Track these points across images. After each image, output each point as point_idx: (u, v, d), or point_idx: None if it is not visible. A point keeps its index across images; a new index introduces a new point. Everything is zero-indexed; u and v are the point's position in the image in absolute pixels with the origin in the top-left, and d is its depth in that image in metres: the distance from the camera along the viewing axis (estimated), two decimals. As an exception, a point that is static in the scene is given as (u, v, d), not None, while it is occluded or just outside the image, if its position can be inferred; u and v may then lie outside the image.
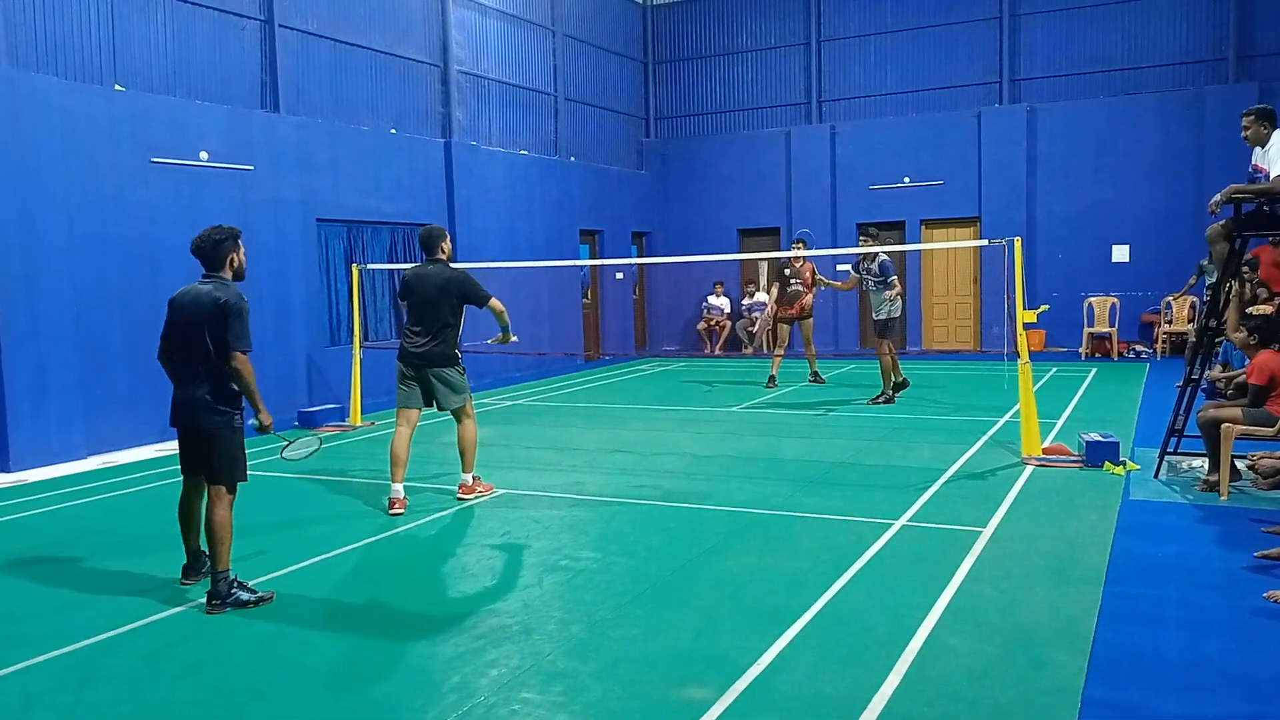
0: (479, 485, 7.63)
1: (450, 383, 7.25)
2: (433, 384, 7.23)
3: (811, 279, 13.28)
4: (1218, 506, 6.68)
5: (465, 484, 7.55)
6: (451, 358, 7.25)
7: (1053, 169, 17.44)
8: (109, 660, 4.56)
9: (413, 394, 7.31)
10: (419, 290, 7.25)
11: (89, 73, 10.48)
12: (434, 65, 15.27)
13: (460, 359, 7.37)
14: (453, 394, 7.27)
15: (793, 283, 13.24)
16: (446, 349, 7.21)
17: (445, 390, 7.24)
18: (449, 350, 7.23)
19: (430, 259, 7.41)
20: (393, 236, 14.15)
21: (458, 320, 7.30)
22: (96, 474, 9.05)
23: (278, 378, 11.99)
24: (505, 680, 4.17)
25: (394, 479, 7.22)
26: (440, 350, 7.19)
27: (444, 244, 7.42)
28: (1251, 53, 16.47)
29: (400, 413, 7.36)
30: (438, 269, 7.30)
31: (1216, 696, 3.86)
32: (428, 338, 7.19)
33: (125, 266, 10.29)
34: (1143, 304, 16.86)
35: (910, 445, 9.31)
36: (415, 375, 7.26)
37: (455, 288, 7.20)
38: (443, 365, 7.21)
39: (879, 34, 18.95)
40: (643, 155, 20.84)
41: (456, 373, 7.29)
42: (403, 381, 7.33)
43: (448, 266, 7.37)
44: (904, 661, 4.20)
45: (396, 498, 7.18)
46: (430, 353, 7.18)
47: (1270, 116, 6.93)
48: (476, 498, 7.51)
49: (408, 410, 7.34)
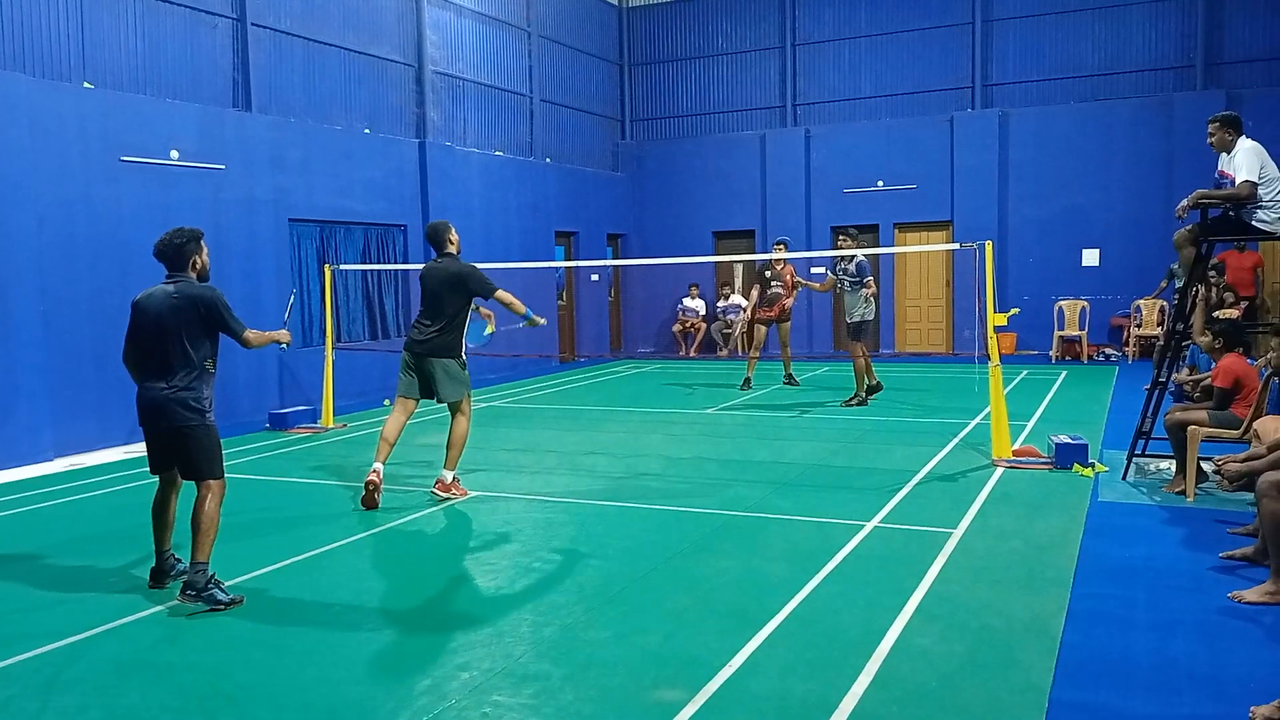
0: (456, 487, 7.56)
1: (451, 373, 7.40)
2: (434, 372, 7.38)
3: (792, 282, 13.31)
4: (1184, 508, 6.77)
5: (443, 480, 7.52)
6: (454, 349, 7.41)
7: (1024, 173, 17.61)
8: (76, 665, 4.51)
9: (413, 384, 7.48)
10: (428, 283, 7.49)
11: (57, 70, 10.35)
12: (408, 65, 15.21)
13: (463, 353, 7.51)
14: (453, 384, 7.41)
15: (773, 285, 13.26)
16: (450, 341, 7.38)
17: (445, 379, 7.38)
18: (452, 342, 7.40)
19: (441, 254, 7.58)
20: (366, 237, 14.08)
21: (463, 314, 7.45)
22: (64, 476, 8.93)
23: (249, 379, 11.91)
24: (477, 683, 4.16)
25: (377, 457, 7.29)
26: (443, 341, 7.36)
27: (450, 236, 7.57)
28: (1219, 60, 16.70)
29: (399, 400, 7.54)
30: (446, 263, 7.49)
31: (1183, 696, 3.91)
32: (433, 328, 7.37)
33: (94, 267, 10.17)
34: (1112, 307, 17.05)
35: (882, 447, 9.37)
36: (417, 365, 7.43)
37: (461, 281, 7.37)
38: (444, 355, 7.37)
39: (853, 38, 19.07)
40: (618, 157, 20.85)
41: (458, 365, 7.44)
42: (405, 371, 7.53)
43: (456, 260, 7.52)
44: (874, 662, 4.22)
45: (374, 475, 7.19)
46: (433, 342, 7.35)
47: (1236, 123, 7.03)
48: (449, 499, 7.45)
49: (406, 400, 7.52)
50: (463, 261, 7.57)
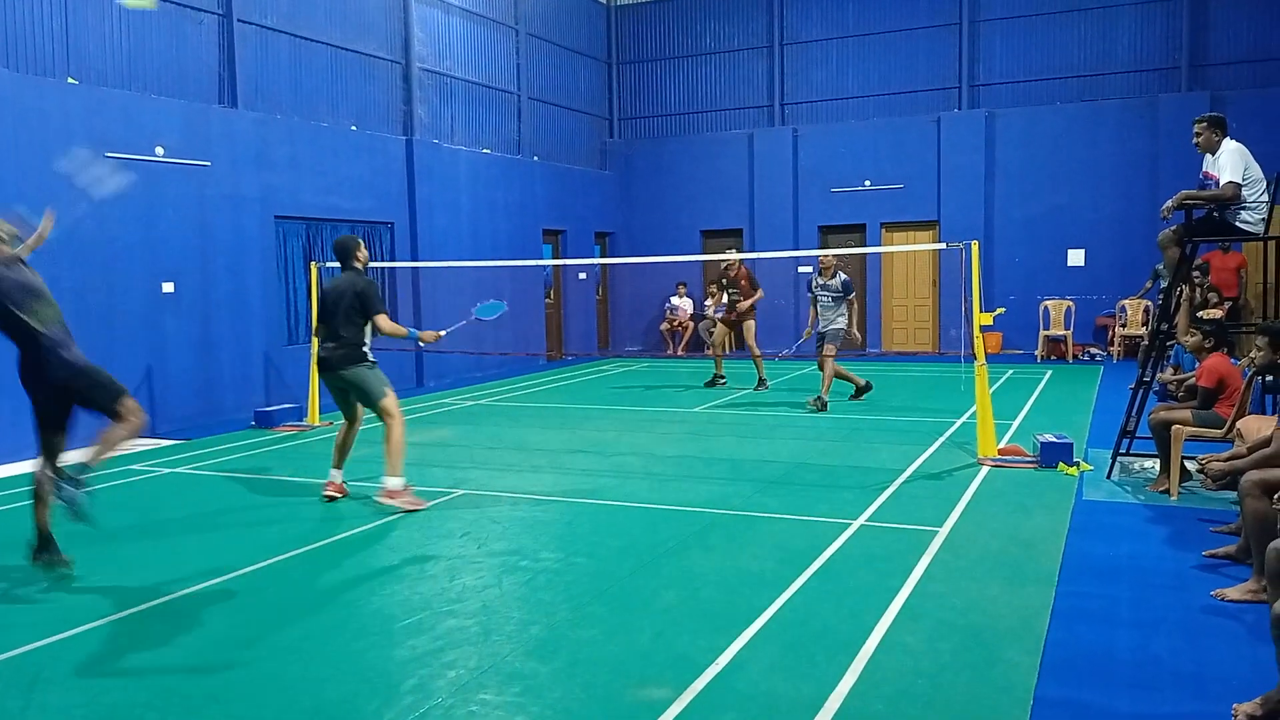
0: (405, 494, 7.15)
1: (361, 381, 7.18)
2: (347, 386, 7.25)
3: (748, 283, 13.46)
4: (1168, 507, 6.81)
5: (387, 488, 7.14)
6: (358, 357, 7.19)
7: (1010, 174, 17.68)
8: (60, 663, 4.47)
9: (339, 400, 7.48)
10: (327, 298, 7.34)
11: (41, 65, 10.28)
12: (395, 62, 15.16)
13: (369, 356, 7.26)
14: (367, 392, 7.20)
15: (730, 292, 13.56)
16: (351, 350, 7.17)
17: (359, 390, 7.23)
18: (353, 351, 7.17)
19: (346, 268, 7.41)
20: (353, 234, 14.01)
21: (359, 323, 7.19)
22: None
23: (234, 376, 11.86)
24: (463, 681, 4.15)
25: (333, 463, 7.54)
26: (344, 353, 7.16)
27: (359, 253, 7.43)
28: (1204, 62, 16.81)
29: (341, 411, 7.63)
30: (352, 278, 7.31)
31: (1166, 694, 3.93)
32: (332, 342, 7.21)
33: (78, 264, 10.08)
34: (1097, 307, 17.14)
35: (869, 446, 9.39)
36: (330, 383, 7.34)
37: (360, 297, 7.17)
38: (349, 365, 7.16)
39: (841, 38, 19.11)
40: (606, 155, 20.84)
41: (366, 369, 7.21)
42: (327, 389, 7.50)
43: (360, 275, 7.35)
44: (860, 660, 4.24)
45: (331, 482, 7.51)
46: (333, 356, 7.18)
47: (1220, 124, 7.07)
48: (399, 509, 7.03)
49: (342, 409, 7.57)
50: (366, 278, 7.37)
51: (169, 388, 11.09)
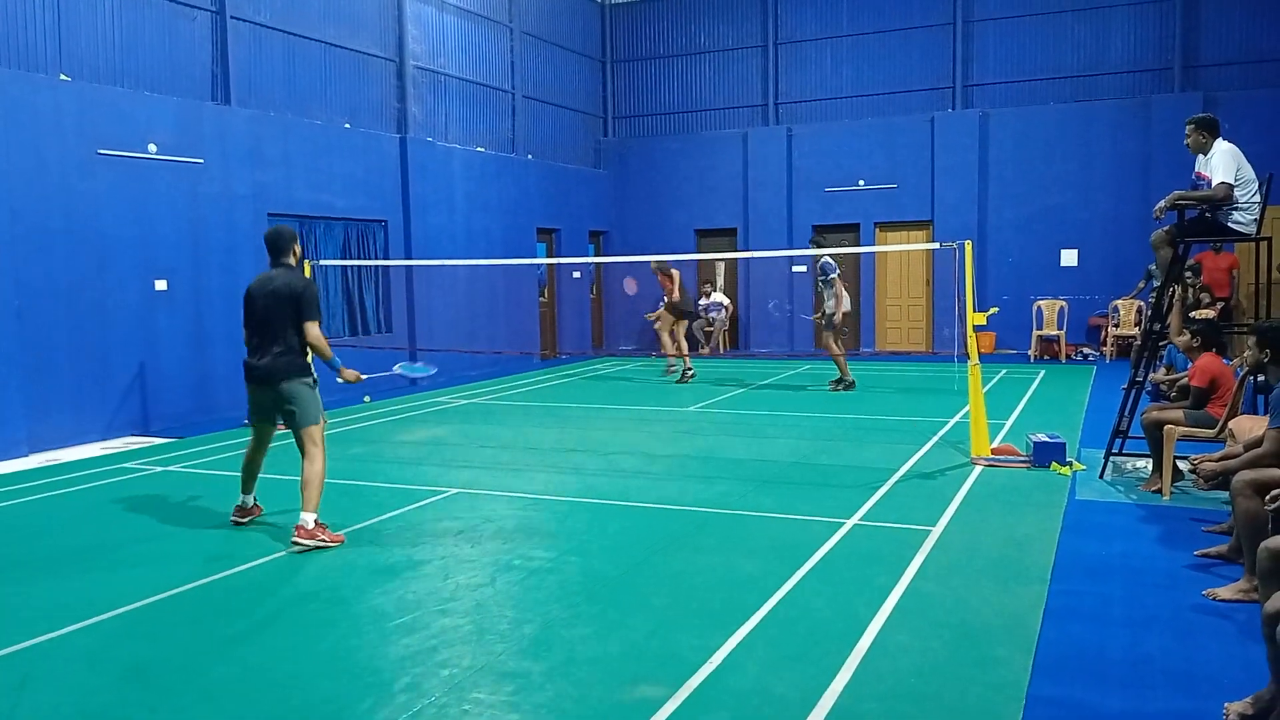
0: (322, 532, 6.23)
1: (299, 399, 6.36)
2: (280, 402, 6.40)
3: (674, 286, 14.95)
4: (1160, 506, 6.82)
5: (304, 526, 6.17)
6: (300, 368, 6.40)
7: (1004, 174, 17.71)
8: (49, 663, 4.46)
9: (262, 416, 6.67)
10: (259, 297, 6.40)
11: (33, 61, 10.23)
12: (389, 60, 15.13)
13: (312, 370, 6.53)
14: (302, 413, 6.37)
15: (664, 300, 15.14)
16: (292, 359, 6.37)
17: (293, 408, 6.37)
18: (295, 360, 6.38)
19: (277, 263, 6.52)
20: (346, 232, 14.00)
21: (297, 328, 6.39)
22: (38, 472, 8.84)
23: (226, 374, 11.81)
24: (457, 680, 4.14)
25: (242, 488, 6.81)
26: (285, 362, 6.35)
27: (295, 247, 6.59)
28: (1196, 63, 16.85)
29: (253, 428, 6.79)
30: (286, 274, 6.43)
31: (1158, 692, 3.94)
32: (274, 348, 6.35)
33: (71, 261, 10.06)
34: (1090, 307, 17.18)
35: (862, 445, 9.40)
36: (259, 395, 6.51)
37: (297, 297, 6.34)
38: (291, 377, 6.36)
39: (835, 38, 19.11)
40: (600, 154, 20.82)
41: (308, 386, 6.41)
42: (250, 401, 6.65)
43: (296, 273, 6.51)
44: (854, 659, 4.24)
45: (244, 506, 6.81)
46: (274, 365, 6.34)
47: (1212, 125, 7.09)
48: (314, 546, 6.14)
49: (259, 427, 6.74)
50: (304, 277, 6.55)
51: (162, 385, 11.05)
